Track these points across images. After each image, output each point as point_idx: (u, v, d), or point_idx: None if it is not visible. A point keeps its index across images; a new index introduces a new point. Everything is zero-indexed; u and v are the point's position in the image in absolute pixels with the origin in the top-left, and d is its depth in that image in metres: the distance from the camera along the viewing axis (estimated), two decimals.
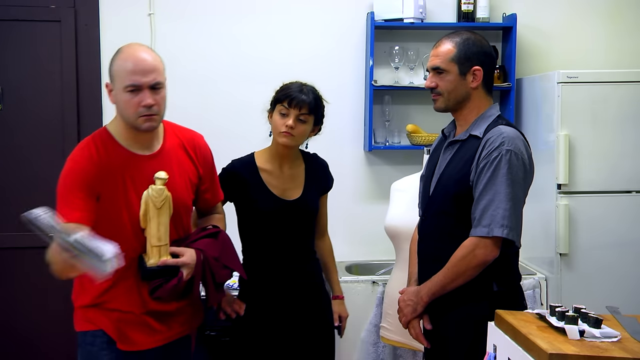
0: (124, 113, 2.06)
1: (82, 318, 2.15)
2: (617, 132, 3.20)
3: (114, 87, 2.05)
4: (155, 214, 2.05)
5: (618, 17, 3.74)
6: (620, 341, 1.62)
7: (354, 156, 3.62)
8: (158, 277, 2.06)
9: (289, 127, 2.34)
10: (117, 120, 2.11)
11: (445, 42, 2.21)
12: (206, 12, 3.56)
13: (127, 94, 2.01)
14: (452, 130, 2.31)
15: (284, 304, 2.42)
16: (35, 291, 3.46)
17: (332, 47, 3.62)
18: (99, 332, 2.10)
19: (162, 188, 2.05)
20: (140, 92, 2.01)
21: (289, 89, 2.39)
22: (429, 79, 2.23)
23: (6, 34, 3.42)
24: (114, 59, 2.06)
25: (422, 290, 2.19)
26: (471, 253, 2.07)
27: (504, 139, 2.09)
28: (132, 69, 2.00)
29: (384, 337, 2.97)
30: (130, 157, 2.10)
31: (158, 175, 2.05)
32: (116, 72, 2.04)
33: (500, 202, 2.05)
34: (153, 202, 2.04)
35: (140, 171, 2.09)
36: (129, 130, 2.09)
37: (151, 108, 2.02)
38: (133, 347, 2.11)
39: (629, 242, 3.21)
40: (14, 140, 3.45)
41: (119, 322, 2.10)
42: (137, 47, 2.07)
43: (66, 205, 2.00)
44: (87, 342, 2.12)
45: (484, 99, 2.23)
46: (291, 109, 2.35)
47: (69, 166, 2.05)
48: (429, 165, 2.35)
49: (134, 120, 2.04)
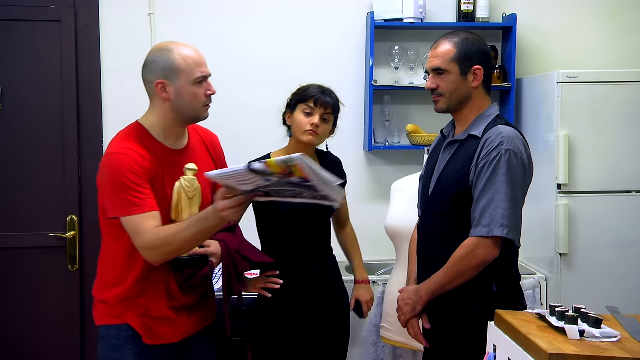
0: (191, 105, 2.12)
1: (106, 312, 2.16)
2: (617, 132, 3.20)
3: (174, 83, 2.09)
4: (187, 205, 2.11)
5: (618, 17, 3.74)
6: (620, 341, 1.62)
7: (354, 156, 3.62)
8: (189, 266, 2.13)
9: (314, 125, 2.41)
10: (155, 116, 2.15)
11: (444, 42, 2.20)
12: (206, 12, 3.56)
13: (195, 86, 2.11)
14: (451, 131, 2.31)
15: (302, 301, 2.45)
16: (35, 291, 3.46)
17: (332, 47, 3.62)
18: (125, 326, 2.13)
19: (193, 178, 2.12)
20: (205, 82, 2.13)
21: (312, 89, 2.46)
22: (429, 80, 2.23)
23: (6, 34, 3.42)
24: (165, 56, 2.10)
25: (422, 290, 2.19)
26: (471, 253, 2.07)
27: (503, 138, 2.09)
28: (198, 61, 2.12)
29: (384, 337, 2.97)
30: (165, 151, 2.15)
31: (189, 166, 2.12)
32: (178, 68, 2.09)
33: (500, 201, 2.05)
34: (186, 193, 2.10)
35: (172, 165, 2.15)
36: (169, 124, 2.15)
37: (210, 97, 2.16)
38: (158, 340, 2.15)
39: (628, 242, 3.21)
40: (14, 140, 3.45)
41: (145, 316, 2.13)
42: (181, 43, 2.16)
43: (140, 194, 2.02)
44: (112, 336, 2.14)
45: (483, 99, 2.23)
46: (316, 108, 2.43)
47: (120, 159, 2.04)
48: (428, 165, 2.35)
49: (199, 110, 2.15)
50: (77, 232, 3.46)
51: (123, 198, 2.01)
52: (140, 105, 3.74)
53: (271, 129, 2.68)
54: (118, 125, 3.42)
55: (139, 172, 2.03)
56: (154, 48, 2.18)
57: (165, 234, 1.99)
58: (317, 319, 2.47)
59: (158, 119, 2.15)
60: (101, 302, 2.18)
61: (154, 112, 2.16)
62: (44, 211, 3.47)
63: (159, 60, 2.11)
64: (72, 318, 3.48)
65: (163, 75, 2.10)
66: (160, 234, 1.99)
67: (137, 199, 2.01)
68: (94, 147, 3.48)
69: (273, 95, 2.73)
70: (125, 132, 2.16)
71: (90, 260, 3.42)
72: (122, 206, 2.02)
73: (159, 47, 2.16)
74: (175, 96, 2.11)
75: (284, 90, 2.58)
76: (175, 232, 1.99)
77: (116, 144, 2.11)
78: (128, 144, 2.09)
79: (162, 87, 2.10)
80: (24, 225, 3.46)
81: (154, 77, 2.11)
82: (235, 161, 2.53)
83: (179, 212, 2.10)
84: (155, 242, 1.99)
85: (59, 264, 3.45)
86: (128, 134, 2.14)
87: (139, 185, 2.02)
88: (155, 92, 2.12)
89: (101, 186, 2.10)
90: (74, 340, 3.48)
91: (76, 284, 3.46)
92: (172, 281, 2.16)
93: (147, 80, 2.14)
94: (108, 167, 2.06)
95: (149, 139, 2.14)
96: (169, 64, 2.09)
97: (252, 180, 1.82)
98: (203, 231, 1.98)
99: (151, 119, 2.17)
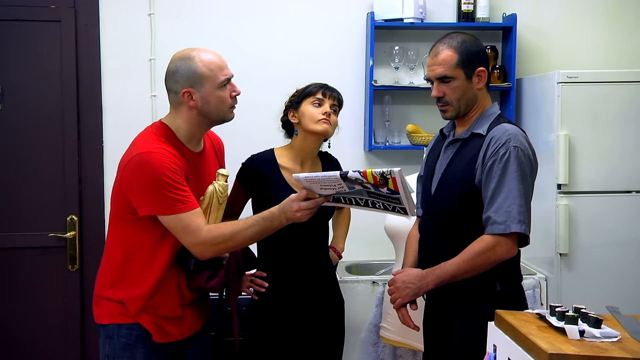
0: (218, 109, 2.15)
1: (117, 311, 2.17)
2: (617, 132, 3.20)
3: (199, 90, 2.11)
4: (216, 209, 2.17)
5: (618, 17, 3.74)
6: (620, 341, 1.62)
7: (354, 156, 3.62)
8: (207, 268, 2.18)
9: (327, 114, 2.43)
10: (180, 120, 2.16)
11: (443, 48, 2.17)
12: (206, 12, 3.56)
13: (220, 90, 2.14)
14: (451, 130, 2.30)
15: (298, 300, 2.44)
16: (35, 291, 3.46)
17: (332, 47, 3.62)
18: (135, 325, 2.15)
19: (226, 184, 2.18)
20: (229, 84, 2.17)
21: (315, 84, 2.48)
22: (435, 89, 2.19)
23: (6, 34, 3.42)
24: (187, 65, 2.11)
25: (429, 277, 2.13)
26: (491, 250, 2.06)
27: (510, 135, 2.10)
28: (220, 65, 2.16)
29: (384, 337, 2.97)
30: (189, 154, 2.18)
31: (221, 171, 2.18)
32: (202, 75, 2.11)
33: (514, 198, 2.05)
34: (218, 197, 2.15)
35: (194, 167, 2.18)
36: (194, 129, 2.17)
37: (236, 98, 2.20)
38: (167, 338, 2.18)
39: (628, 241, 3.21)
40: (14, 140, 3.45)
41: (157, 316, 2.15)
42: (201, 49, 2.18)
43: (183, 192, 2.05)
44: (122, 335, 2.15)
45: (486, 98, 2.24)
46: (325, 98, 2.45)
47: (157, 158, 2.03)
48: (428, 165, 2.34)
49: (226, 112, 2.18)
50: (77, 232, 3.46)
51: (165, 196, 2.02)
52: (140, 105, 3.76)
53: (271, 128, 2.68)
54: (118, 125, 3.48)
55: (177, 171, 2.05)
56: (175, 57, 2.17)
57: (223, 232, 2.06)
58: (311, 319, 2.46)
59: (184, 123, 2.16)
60: (110, 301, 2.18)
61: (180, 117, 2.16)
62: (44, 211, 3.47)
63: (182, 69, 2.12)
64: (72, 318, 3.47)
65: (188, 84, 2.11)
66: (217, 232, 2.06)
67: (182, 197, 2.04)
68: (94, 147, 3.48)
69: (273, 95, 2.73)
70: (153, 132, 2.14)
71: (91, 260, 3.43)
72: (165, 204, 2.02)
73: (180, 56, 2.16)
74: (202, 103, 2.13)
75: (284, 90, 2.58)
76: (235, 230, 2.06)
77: (148, 143, 2.08)
78: (161, 144, 2.09)
79: (189, 95, 2.12)
80: (24, 225, 3.46)
81: (180, 87, 2.12)
82: (235, 160, 2.55)
83: (207, 215, 2.13)
84: (211, 239, 2.05)
85: (59, 264, 3.45)
86: (157, 134, 2.13)
87: (179, 183, 2.05)
88: (182, 100, 2.13)
89: (131, 185, 2.07)
90: (74, 340, 3.48)
91: (76, 284, 3.46)
92: (182, 280, 2.18)
93: (172, 90, 2.15)
94: (145, 166, 2.03)
95: (176, 141, 2.15)
96: (192, 72, 2.11)
97: (338, 186, 1.92)
98: (266, 230, 2.07)
99: (177, 122, 2.17)
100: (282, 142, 2.60)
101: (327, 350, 2.51)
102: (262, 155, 2.49)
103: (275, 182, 2.42)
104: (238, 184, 2.48)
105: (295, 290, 2.44)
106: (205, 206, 2.14)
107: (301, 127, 2.46)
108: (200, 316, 2.30)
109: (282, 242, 2.43)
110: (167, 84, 2.16)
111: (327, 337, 2.51)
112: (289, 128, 2.54)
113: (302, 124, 2.45)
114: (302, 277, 2.46)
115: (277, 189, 2.40)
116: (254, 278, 2.45)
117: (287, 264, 2.46)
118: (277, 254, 2.46)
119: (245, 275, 2.46)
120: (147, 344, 2.15)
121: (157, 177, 2.01)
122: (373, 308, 3.13)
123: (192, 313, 2.24)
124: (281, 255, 2.46)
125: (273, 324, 2.44)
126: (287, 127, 2.55)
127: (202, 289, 2.20)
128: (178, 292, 2.18)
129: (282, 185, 2.41)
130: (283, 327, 2.44)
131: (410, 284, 2.16)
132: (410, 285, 2.16)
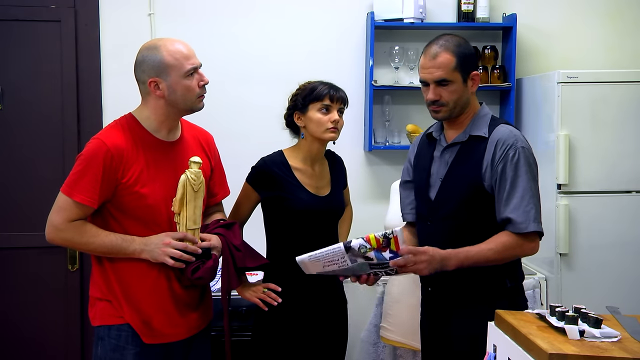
0: (185, 98, 2.15)
1: (105, 312, 2.17)
2: (617, 132, 3.21)
3: (165, 79, 2.12)
4: (192, 197, 2.13)
5: (618, 17, 3.74)
6: (620, 341, 1.62)
7: (354, 156, 3.62)
8: (193, 260, 2.14)
9: (335, 121, 2.41)
10: (148, 110, 2.18)
11: (440, 51, 2.15)
12: (206, 12, 3.56)
13: (187, 79, 2.14)
14: (440, 133, 2.28)
15: (305, 300, 2.43)
16: (35, 291, 3.46)
17: (332, 47, 3.62)
18: (125, 326, 2.14)
19: (199, 171, 2.14)
20: (196, 73, 2.16)
21: (321, 87, 2.43)
22: (431, 91, 2.16)
23: (6, 34, 3.42)
24: (153, 54, 2.13)
25: (451, 260, 2.04)
26: (519, 247, 2.09)
27: (516, 136, 2.13)
28: (186, 54, 2.14)
29: (384, 337, 2.97)
30: (155, 142, 2.18)
31: (194, 159, 2.14)
32: (167, 64, 2.12)
33: (530, 197, 2.08)
34: (191, 185, 2.12)
35: (165, 156, 2.18)
36: (162, 118, 2.18)
37: (204, 87, 2.19)
38: (158, 339, 2.16)
39: (628, 241, 3.21)
40: (14, 140, 3.44)
41: (145, 315, 2.14)
42: (168, 39, 2.19)
43: (83, 182, 2.07)
44: (112, 336, 2.15)
45: (475, 100, 2.26)
46: (333, 104, 2.41)
47: (97, 145, 2.10)
48: (419, 169, 2.30)
49: (194, 101, 2.18)
50: None
51: (71, 174, 2.09)
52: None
53: (271, 127, 2.68)
54: None
55: (107, 166, 2.07)
56: (142, 47, 2.19)
57: (72, 238, 2.13)
58: (317, 319, 2.46)
59: (152, 113, 2.18)
60: (100, 300, 2.18)
61: (148, 107, 2.19)
62: (44, 211, 3.39)
63: (148, 59, 2.13)
64: (72, 318, 3.47)
65: (154, 73, 2.13)
66: (69, 233, 2.11)
67: (78, 184, 2.07)
68: None
69: (273, 95, 2.74)
70: (115, 122, 2.21)
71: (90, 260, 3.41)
72: (70, 182, 2.08)
73: (147, 46, 2.18)
74: (169, 92, 2.14)
75: (284, 89, 2.57)
76: (90, 242, 2.11)
77: (102, 131, 2.19)
78: (112, 130, 2.15)
79: (155, 84, 2.13)
80: (24, 225, 3.45)
81: (146, 77, 2.14)
82: (235, 160, 2.56)
83: (184, 205, 2.11)
84: (63, 231, 2.11)
85: (59, 264, 3.45)
86: (118, 122, 2.19)
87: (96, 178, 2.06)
88: (149, 90, 2.15)
89: None
90: (74, 340, 3.48)
91: (76, 284, 3.46)
92: (172, 277, 2.17)
93: (140, 80, 2.18)
94: (84, 149, 2.12)
95: (139, 129, 2.17)
96: (158, 61, 2.12)
97: (341, 261, 2.01)
98: (120, 249, 2.13)
99: (145, 112, 2.20)
100: (283, 142, 2.59)
101: (331, 349, 2.51)
102: (274, 158, 2.47)
103: (290, 183, 2.41)
104: (249, 187, 2.45)
105: (304, 290, 2.43)
106: (181, 196, 2.11)
107: (308, 132, 2.44)
108: (200, 317, 2.28)
109: (294, 239, 2.42)
110: (135, 74, 2.18)
111: (331, 337, 2.51)
112: (294, 127, 2.52)
113: (309, 130, 2.43)
114: (310, 277, 2.45)
115: (292, 190, 2.40)
116: (267, 290, 2.39)
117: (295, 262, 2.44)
118: (286, 251, 2.42)
119: (259, 286, 2.40)
120: (138, 345, 2.14)
121: (78, 156, 2.12)
122: (373, 308, 3.13)
123: (188, 315, 2.22)
124: (291, 252, 2.43)
125: (281, 323, 2.43)
126: (291, 126, 2.53)
127: (189, 280, 2.15)
128: (169, 289, 2.17)
129: (296, 185, 2.41)
130: (290, 326, 2.43)
131: (438, 258, 2.04)
132: (438, 259, 2.04)
